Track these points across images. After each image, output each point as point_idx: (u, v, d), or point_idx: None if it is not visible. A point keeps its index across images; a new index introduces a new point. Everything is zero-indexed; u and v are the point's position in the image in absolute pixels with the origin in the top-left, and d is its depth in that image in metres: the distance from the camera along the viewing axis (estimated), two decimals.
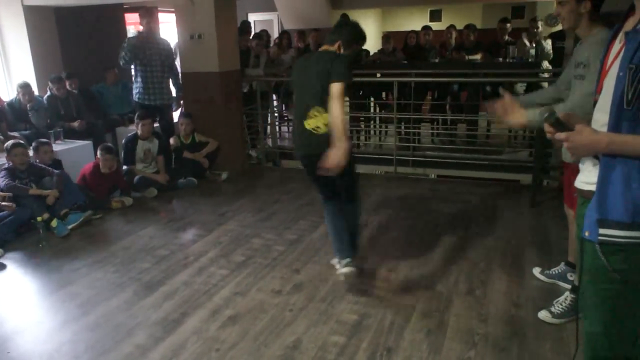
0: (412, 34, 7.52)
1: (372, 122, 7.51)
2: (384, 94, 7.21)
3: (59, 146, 5.18)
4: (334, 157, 2.69)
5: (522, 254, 3.56)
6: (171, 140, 5.51)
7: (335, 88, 2.75)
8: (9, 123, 5.43)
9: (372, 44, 10.51)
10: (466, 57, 6.73)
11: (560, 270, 3.12)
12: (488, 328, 2.70)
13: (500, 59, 6.71)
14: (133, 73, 5.60)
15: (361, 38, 3.01)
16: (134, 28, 8.93)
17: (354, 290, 3.13)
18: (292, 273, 3.39)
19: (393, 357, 2.49)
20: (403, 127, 6.35)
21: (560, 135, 1.50)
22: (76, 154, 5.21)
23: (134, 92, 5.69)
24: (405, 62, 7.00)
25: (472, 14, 12.18)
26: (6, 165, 4.28)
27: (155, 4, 7.48)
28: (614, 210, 1.45)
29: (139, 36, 5.52)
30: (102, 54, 6.71)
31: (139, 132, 5.17)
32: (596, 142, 1.44)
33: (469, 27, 6.95)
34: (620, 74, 1.40)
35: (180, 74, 5.87)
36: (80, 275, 3.47)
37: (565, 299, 2.77)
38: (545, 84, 6.08)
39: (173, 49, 5.93)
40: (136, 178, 5.09)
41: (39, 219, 4.06)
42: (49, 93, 5.79)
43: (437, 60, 7.07)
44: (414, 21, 12.18)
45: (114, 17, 7.38)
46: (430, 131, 6.84)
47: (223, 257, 3.66)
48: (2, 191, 4.14)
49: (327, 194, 3.18)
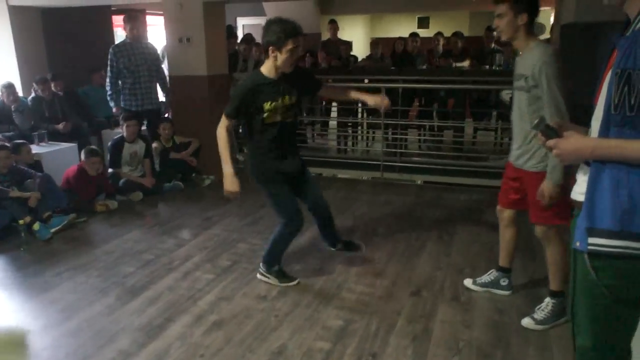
0: (400, 40, 7.56)
1: (360, 128, 7.53)
2: None
3: (43, 148, 5.12)
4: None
5: None
6: (154, 145, 5.46)
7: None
8: None
9: (361, 49, 10.56)
10: (453, 64, 6.79)
11: (492, 278, 3.10)
12: (473, 334, 2.71)
13: (487, 67, 6.77)
14: (108, 78, 5.44)
15: (291, 32, 2.75)
16: (121, 30, 8.89)
17: (340, 296, 3.13)
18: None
19: None
20: (390, 133, 6.37)
21: (550, 142, 1.50)
22: (61, 157, 5.15)
23: (113, 97, 5.44)
24: (393, 68, 7.03)
25: (459, 22, 12.31)
26: None
27: (144, 6, 7.45)
28: (603, 218, 1.42)
29: (122, 43, 5.43)
30: (89, 56, 6.65)
31: (125, 135, 5.12)
32: (582, 148, 1.44)
33: (456, 35, 7.02)
34: (610, 80, 1.40)
35: (167, 78, 5.83)
36: (63, 279, 3.41)
37: (547, 305, 2.78)
38: None
39: (160, 53, 5.89)
40: (122, 181, 5.05)
41: (21, 222, 4.00)
42: (33, 94, 5.72)
43: (425, 67, 7.12)
44: (402, 28, 12.26)
45: (102, 19, 7.33)
46: (417, 137, 6.87)
47: (208, 262, 3.64)
48: None
49: None
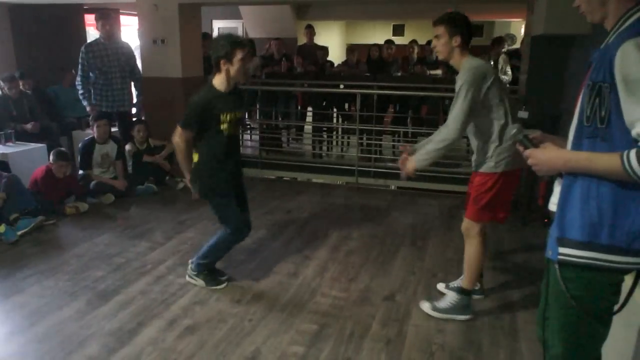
0: (376, 47, 7.65)
1: (335, 133, 7.57)
2: (346, 105, 7.28)
3: (10, 148, 4.98)
4: None
5: None
6: (127, 147, 5.37)
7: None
8: None
9: (337, 55, 10.62)
10: (427, 72, 6.89)
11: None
12: (445, 338, 2.75)
13: None
14: (79, 77, 5.31)
15: (237, 43, 2.82)
16: (94, 29, 8.72)
17: (314, 300, 3.13)
18: (252, 282, 3.36)
19: None
20: (365, 139, 6.42)
21: (526, 151, 1.54)
22: (29, 157, 5.01)
23: (86, 96, 5.34)
24: (368, 75, 7.10)
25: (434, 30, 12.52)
26: None
27: (118, 6, 7.33)
28: (572, 229, 1.45)
29: (95, 42, 5.33)
30: (60, 54, 6.51)
31: (96, 135, 5.02)
32: (556, 160, 1.47)
33: (431, 43, 7.13)
34: (583, 91, 1.43)
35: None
36: (29, 283, 3.32)
37: (451, 298, 2.93)
38: None
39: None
40: (92, 183, 4.94)
41: None
42: (0, 92, 5.55)
43: (400, 73, 7.21)
44: (378, 35, 12.40)
45: (74, 18, 7.18)
46: (392, 143, 6.95)
47: (181, 266, 3.58)
48: None
49: None
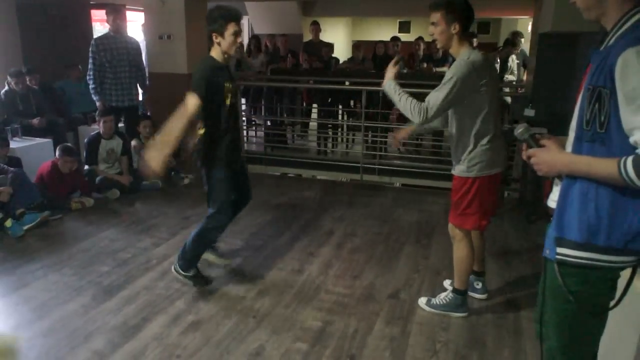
0: (381, 44, 7.62)
1: (340, 130, 7.55)
2: (352, 102, 7.27)
3: (16, 143, 4.99)
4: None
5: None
6: (133, 142, 5.38)
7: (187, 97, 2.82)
8: None
9: (342, 52, 10.60)
10: (434, 69, 6.87)
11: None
12: (449, 336, 2.75)
13: None
14: (90, 72, 5.36)
15: (230, 16, 2.84)
16: (100, 25, 8.74)
17: (319, 297, 3.13)
18: (257, 279, 3.37)
19: None
20: (370, 136, 6.41)
21: (530, 151, 1.54)
22: (35, 152, 5.02)
23: (98, 90, 5.44)
24: (374, 72, 7.08)
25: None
26: None
27: (124, 1, 7.34)
28: (570, 230, 1.47)
29: (105, 36, 5.37)
30: (66, 50, 6.52)
31: (102, 131, 5.03)
32: (557, 161, 1.48)
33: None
34: (583, 94, 1.43)
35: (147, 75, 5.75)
36: (36, 277, 3.34)
37: (447, 295, 2.96)
38: (509, 98, 6.29)
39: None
40: (98, 178, 4.95)
41: None
42: (6, 87, 5.57)
43: (405, 71, 7.18)
44: (383, 31, 12.35)
45: (80, 13, 7.18)
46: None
47: None
48: None
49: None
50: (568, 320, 1.55)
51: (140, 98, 5.82)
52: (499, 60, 6.78)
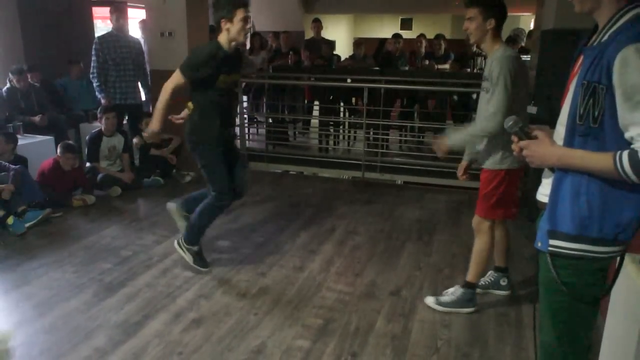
0: (391, 40, 7.53)
1: (342, 127, 7.54)
2: (353, 100, 7.25)
3: (18, 141, 4.98)
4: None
5: None
6: (134, 140, 5.38)
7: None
8: None
9: (344, 49, 10.58)
10: (435, 66, 6.84)
11: (492, 279, 3.14)
12: (451, 333, 2.74)
13: (468, 69, 6.85)
14: (95, 69, 5.36)
15: (238, 2, 2.86)
16: (101, 22, 8.73)
17: (320, 295, 3.13)
18: (258, 276, 3.37)
19: None
20: (372, 133, 6.40)
21: (522, 142, 1.55)
22: (36, 150, 5.02)
23: (103, 88, 5.43)
24: (377, 69, 7.06)
25: (442, 24, 12.45)
26: None
27: None
28: (563, 222, 1.50)
29: (109, 34, 5.36)
30: (68, 47, 6.51)
31: (103, 128, 5.03)
32: (550, 154, 1.49)
33: (439, 37, 7.08)
34: (576, 89, 1.44)
35: (149, 73, 5.75)
36: (37, 275, 3.34)
37: (455, 291, 2.96)
38: None
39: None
40: (100, 176, 4.96)
41: None
42: (8, 85, 5.57)
43: (407, 68, 7.17)
44: (385, 28, 12.35)
45: (81, 10, 7.17)
46: (399, 138, 6.91)
47: None
48: None
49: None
50: (561, 311, 1.58)
51: (143, 97, 5.82)
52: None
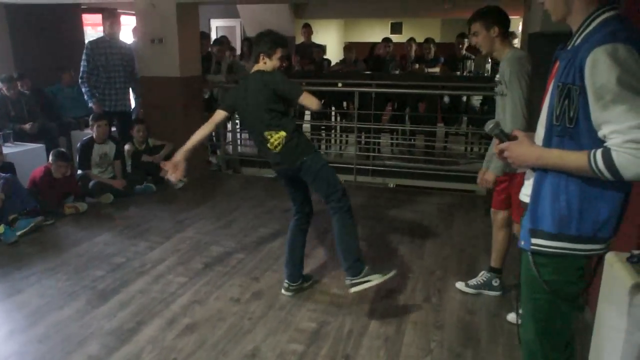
0: (380, 44, 7.57)
1: (333, 131, 7.57)
2: (345, 104, 7.29)
3: (8, 149, 4.97)
4: None
5: (477, 262, 3.66)
6: (126, 147, 5.38)
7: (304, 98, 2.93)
8: None
9: (334, 53, 10.62)
10: (425, 70, 6.90)
11: (484, 279, 3.19)
12: (444, 334, 2.77)
13: (458, 73, 6.91)
14: (84, 74, 5.36)
15: (280, 42, 3.07)
16: (91, 29, 8.71)
17: (313, 298, 3.14)
18: (252, 281, 3.38)
19: None
20: (363, 137, 6.43)
21: (502, 145, 1.60)
22: (27, 158, 5.01)
23: (93, 92, 5.42)
24: (368, 73, 7.10)
25: (431, 28, 12.52)
26: None
27: (115, 5, 7.33)
28: (543, 221, 1.54)
29: (101, 39, 5.36)
30: (58, 54, 6.50)
31: (95, 135, 5.02)
32: (529, 155, 1.54)
33: (429, 41, 7.14)
34: (553, 91, 1.49)
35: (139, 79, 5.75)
36: (29, 283, 3.33)
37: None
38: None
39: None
40: (91, 183, 4.94)
41: None
42: None
43: (398, 71, 7.21)
44: (376, 33, 12.40)
45: (71, 17, 7.17)
46: (390, 141, 6.96)
47: (181, 265, 3.60)
48: None
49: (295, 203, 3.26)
50: (542, 309, 1.62)
51: (133, 104, 5.82)
52: (490, 60, 6.82)
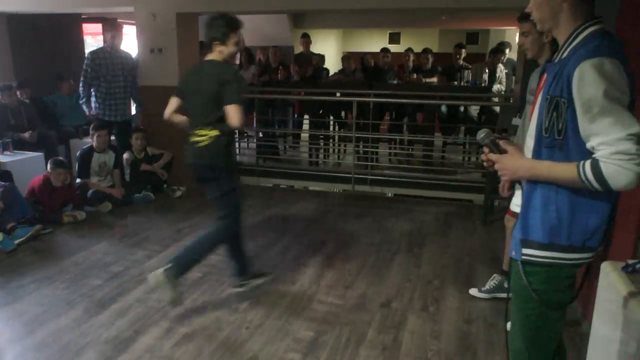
0: (369, 55, 7.67)
1: (331, 141, 7.60)
2: (343, 113, 7.33)
3: (8, 157, 4.99)
4: None
5: (474, 272, 3.68)
6: (125, 155, 5.39)
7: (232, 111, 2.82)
8: None
9: (333, 63, 10.68)
10: (423, 80, 6.94)
11: (496, 282, 3.23)
12: (441, 344, 2.77)
13: (456, 82, 6.96)
14: (81, 83, 5.38)
15: (234, 25, 2.88)
16: (91, 38, 8.76)
17: (311, 307, 3.15)
18: (249, 290, 3.38)
19: None
20: (361, 146, 6.46)
21: (492, 156, 1.62)
22: (26, 166, 5.02)
23: (92, 105, 5.46)
24: (365, 82, 7.13)
25: (429, 38, 12.62)
26: None
27: (116, 15, 7.38)
28: (534, 231, 1.56)
29: (101, 49, 5.39)
30: (58, 63, 6.54)
31: (95, 144, 5.04)
32: (520, 167, 1.56)
33: (426, 51, 7.19)
34: (541, 103, 1.52)
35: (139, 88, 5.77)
36: (27, 292, 3.33)
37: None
38: (498, 108, 6.39)
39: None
40: (90, 192, 4.95)
41: None
42: None
43: (396, 81, 7.26)
44: (374, 43, 12.48)
45: (71, 27, 7.22)
46: (388, 151, 6.99)
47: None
48: None
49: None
50: (531, 318, 1.64)
51: (133, 112, 5.83)
52: (487, 70, 6.87)
